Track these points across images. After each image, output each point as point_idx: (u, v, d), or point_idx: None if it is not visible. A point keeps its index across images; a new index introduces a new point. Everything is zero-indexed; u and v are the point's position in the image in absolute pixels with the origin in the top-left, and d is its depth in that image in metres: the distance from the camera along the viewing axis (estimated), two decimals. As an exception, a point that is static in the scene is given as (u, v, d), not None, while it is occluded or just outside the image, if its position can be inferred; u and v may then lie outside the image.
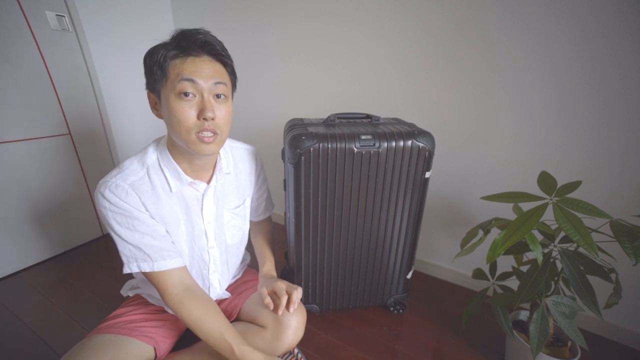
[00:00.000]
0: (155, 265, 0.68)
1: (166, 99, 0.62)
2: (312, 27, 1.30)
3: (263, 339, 0.78)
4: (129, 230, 0.67)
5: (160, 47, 0.61)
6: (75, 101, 1.38)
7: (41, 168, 1.32)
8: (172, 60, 0.60)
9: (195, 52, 0.61)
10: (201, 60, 0.62)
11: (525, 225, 0.65)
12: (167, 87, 0.61)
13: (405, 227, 0.97)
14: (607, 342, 1.01)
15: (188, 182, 0.72)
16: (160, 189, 0.70)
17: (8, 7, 1.14)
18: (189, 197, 0.74)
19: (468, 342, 1.00)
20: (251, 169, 0.89)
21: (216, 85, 0.63)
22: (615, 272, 0.72)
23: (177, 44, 0.61)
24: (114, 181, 0.65)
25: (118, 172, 0.67)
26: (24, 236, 1.31)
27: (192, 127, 0.62)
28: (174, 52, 0.60)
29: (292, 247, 0.97)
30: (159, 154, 0.71)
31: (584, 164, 0.95)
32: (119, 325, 0.75)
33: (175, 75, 0.60)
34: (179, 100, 0.61)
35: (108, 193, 0.65)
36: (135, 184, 0.67)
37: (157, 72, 0.61)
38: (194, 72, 0.60)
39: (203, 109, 0.61)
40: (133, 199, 0.66)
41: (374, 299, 1.09)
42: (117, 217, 0.66)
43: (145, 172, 0.69)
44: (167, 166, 0.70)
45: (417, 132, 0.86)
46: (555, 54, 0.91)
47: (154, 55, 0.61)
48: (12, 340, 0.98)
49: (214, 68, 0.63)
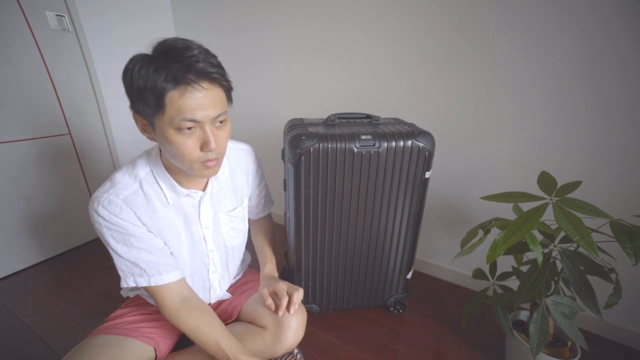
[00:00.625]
0: (152, 280, 0.69)
1: (162, 130, 0.57)
2: (312, 27, 1.30)
3: (263, 340, 0.78)
4: (125, 246, 0.66)
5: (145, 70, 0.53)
6: (75, 101, 1.38)
7: (41, 168, 1.32)
8: (168, 93, 0.53)
9: (192, 80, 0.54)
10: (200, 92, 0.55)
11: (525, 225, 0.65)
12: (164, 120, 0.56)
13: (405, 227, 0.97)
14: (607, 342, 1.01)
15: (184, 195, 0.71)
16: (157, 201, 0.69)
17: (8, 7, 1.14)
18: (186, 206, 0.74)
19: (468, 342, 1.00)
20: (247, 168, 0.87)
21: (218, 117, 0.59)
22: (615, 272, 0.72)
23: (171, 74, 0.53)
24: (107, 197, 0.63)
25: (110, 187, 0.65)
26: (24, 236, 1.31)
27: (197, 159, 0.60)
28: (169, 85, 0.53)
29: (292, 247, 0.97)
30: (152, 167, 0.69)
31: (584, 164, 0.95)
32: (120, 326, 0.75)
33: (174, 110, 0.54)
34: (179, 135, 0.57)
35: (102, 210, 0.63)
36: (128, 198, 0.65)
37: (151, 102, 0.54)
38: (195, 108, 0.55)
39: (206, 142, 0.59)
40: (128, 214, 0.65)
41: (374, 299, 1.09)
42: (113, 233, 0.65)
43: (138, 185, 0.67)
44: (163, 180, 0.69)
45: (417, 132, 0.85)
46: (555, 54, 0.91)
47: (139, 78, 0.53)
48: (12, 340, 0.98)
49: (215, 96, 0.58)
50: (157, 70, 0.53)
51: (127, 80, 0.56)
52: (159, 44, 0.55)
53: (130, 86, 0.56)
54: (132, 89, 0.56)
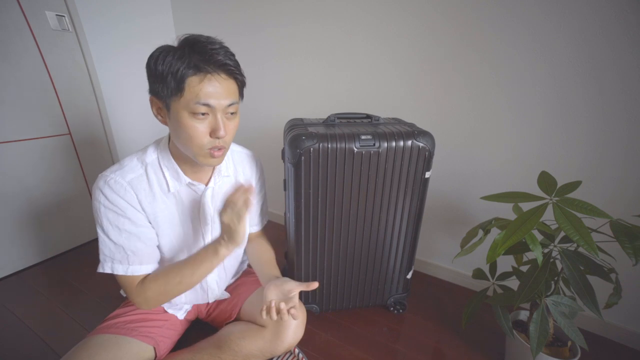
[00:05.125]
0: (129, 270, 0.69)
1: (177, 113, 0.61)
2: (312, 28, 1.30)
3: (263, 339, 0.78)
4: (117, 229, 0.67)
5: (170, 56, 0.58)
6: (75, 101, 1.38)
7: (41, 168, 1.32)
8: (188, 78, 0.59)
9: (212, 70, 0.60)
10: (218, 80, 0.61)
11: (525, 225, 0.65)
12: (181, 103, 0.60)
13: (405, 227, 0.97)
14: (607, 342, 1.01)
15: (186, 183, 0.72)
16: (158, 187, 0.71)
17: (8, 7, 1.14)
18: (187, 199, 0.75)
19: (468, 342, 1.00)
20: (251, 174, 0.88)
21: (230, 106, 0.64)
22: (615, 272, 0.72)
23: (193, 62, 0.58)
24: (114, 177, 0.66)
25: (118, 169, 0.68)
26: (24, 236, 1.31)
27: (205, 145, 0.64)
28: (191, 71, 0.58)
29: (292, 247, 0.97)
30: (159, 153, 0.72)
31: (584, 164, 0.95)
32: (119, 325, 0.75)
33: (192, 94, 0.59)
34: (192, 119, 0.61)
35: (107, 189, 0.65)
36: (133, 181, 0.68)
37: (171, 85, 0.59)
38: (212, 94, 0.60)
39: (216, 128, 0.63)
40: (130, 197, 0.67)
41: (374, 299, 1.09)
42: (109, 213, 0.66)
43: (143, 170, 0.70)
44: (167, 166, 0.71)
45: (417, 132, 0.86)
46: (555, 54, 0.91)
47: (164, 63, 0.58)
48: (12, 340, 0.98)
49: (229, 87, 0.63)
50: (181, 57, 0.58)
51: (150, 65, 0.61)
52: (184, 38, 0.61)
53: (154, 70, 0.60)
54: (155, 73, 0.60)
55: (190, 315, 0.92)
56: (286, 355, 0.88)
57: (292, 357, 0.88)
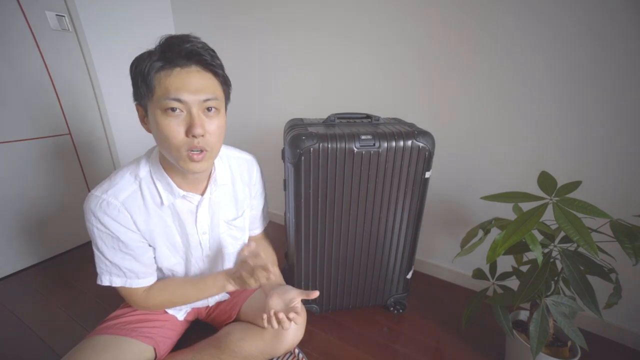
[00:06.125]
0: (127, 282, 0.70)
1: (153, 114, 0.58)
2: (312, 28, 1.30)
3: (263, 340, 0.78)
4: (112, 250, 0.67)
5: (145, 57, 0.57)
6: (75, 101, 1.38)
7: (41, 168, 1.32)
8: (156, 74, 0.56)
9: (182, 63, 0.56)
10: (188, 73, 0.57)
11: (525, 225, 0.65)
12: (154, 103, 0.57)
13: (405, 227, 0.97)
14: (607, 342, 1.01)
15: (181, 196, 0.70)
16: (151, 202, 0.68)
17: (8, 7, 1.14)
18: (182, 210, 0.73)
19: (468, 342, 1.00)
20: (250, 179, 0.85)
21: (207, 101, 0.59)
22: (615, 272, 0.72)
23: (162, 54, 0.56)
24: (106, 198, 0.63)
25: (109, 187, 0.65)
26: (24, 236, 1.31)
27: (181, 145, 0.59)
28: (158, 63, 0.55)
29: (292, 247, 0.97)
30: (151, 166, 0.69)
31: (584, 164, 0.95)
32: (119, 326, 0.75)
33: (162, 90, 0.56)
34: (165, 117, 0.57)
35: (99, 212, 0.63)
36: (127, 201, 0.65)
37: (142, 87, 0.57)
38: (180, 88, 0.56)
39: (191, 125, 0.57)
40: (124, 218, 0.65)
41: (374, 299, 1.09)
42: (103, 235, 0.65)
43: (137, 185, 0.67)
44: (160, 179, 0.68)
45: (417, 132, 0.85)
46: (556, 54, 0.91)
47: (138, 66, 0.57)
48: (12, 340, 0.98)
49: (204, 81, 0.58)
50: (151, 56, 0.56)
51: (131, 74, 0.59)
52: (162, 38, 0.58)
53: (131, 75, 0.59)
54: (132, 78, 0.59)
55: (190, 316, 0.92)
56: (286, 356, 0.88)
57: (292, 357, 0.88)
